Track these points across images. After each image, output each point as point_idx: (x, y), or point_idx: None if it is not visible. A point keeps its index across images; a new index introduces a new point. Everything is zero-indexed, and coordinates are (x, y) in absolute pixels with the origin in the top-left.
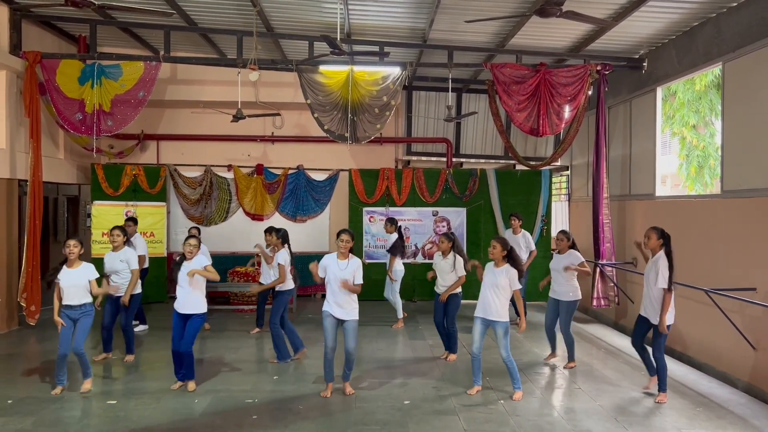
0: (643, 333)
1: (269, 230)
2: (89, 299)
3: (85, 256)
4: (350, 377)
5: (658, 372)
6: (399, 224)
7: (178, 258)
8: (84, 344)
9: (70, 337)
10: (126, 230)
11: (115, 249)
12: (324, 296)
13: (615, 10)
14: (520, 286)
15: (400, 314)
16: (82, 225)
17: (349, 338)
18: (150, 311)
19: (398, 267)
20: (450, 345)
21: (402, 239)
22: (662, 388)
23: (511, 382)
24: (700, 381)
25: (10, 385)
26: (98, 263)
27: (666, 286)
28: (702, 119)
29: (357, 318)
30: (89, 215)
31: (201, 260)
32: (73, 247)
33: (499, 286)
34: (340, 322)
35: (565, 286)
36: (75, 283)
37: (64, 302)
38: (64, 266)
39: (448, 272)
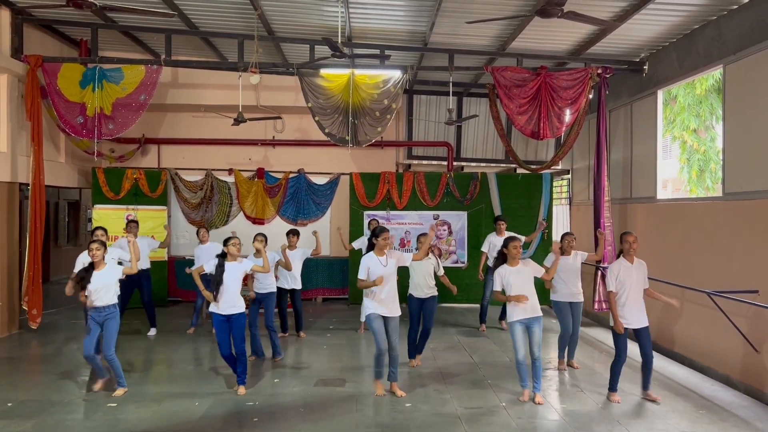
0: None
1: (293, 232)
2: (115, 301)
3: None
4: (398, 377)
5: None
6: (377, 228)
7: (215, 264)
8: (114, 349)
9: (96, 339)
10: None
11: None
12: (325, 300)
13: (615, 12)
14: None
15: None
16: (83, 229)
17: (393, 335)
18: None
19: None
20: (421, 346)
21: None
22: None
23: (535, 383)
24: (703, 384)
25: (10, 389)
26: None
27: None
28: (702, 123)
29: (400, 314)
30: (90, 219)
31: (247, 263)
32: (95, 250)
33: (528, 280)
34: (385, 322)
35: (579, 287)
36: (103, 284)
37: (90, 304)
38: (93, 270)
39: (432, 273)
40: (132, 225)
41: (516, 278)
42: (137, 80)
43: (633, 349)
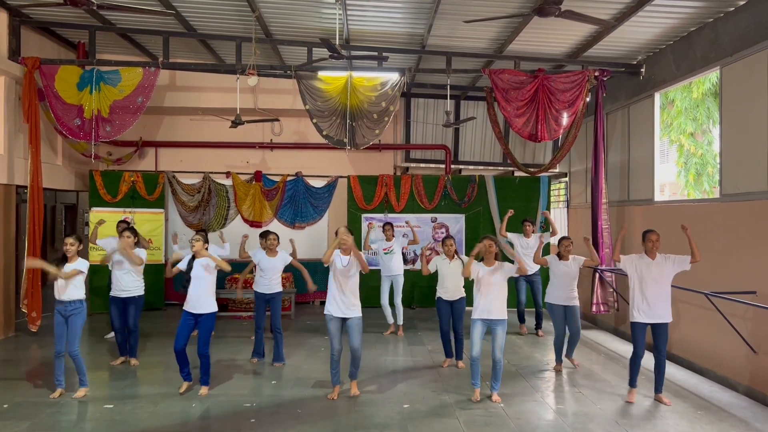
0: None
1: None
2: (80, 296)
3: None
4: (357, 376)
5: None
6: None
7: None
8: (79, 346)
9: (65, 334)
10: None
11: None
12: (322, 303)
13: (612, 14)
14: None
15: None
16: (79, 233)
17: (354, 336)
18: (148, 318)
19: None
20: (458, 350)
21: None
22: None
23: (494, 383)
24: (701, 385)
25: (6, 390)
26: (95, 270)
27: None
28: (700, 127)
29: (360, 315)
30: (87, 223)
31: (213, 249)
32: (69, 245)
33: (500, 284)
34: (343, 322)
35: (575, 292)
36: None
37: (56, 297)
38: (66, 263)
39: (458, 274)
40: (127, 234)
41: (484, 276)
42: (135, 82)
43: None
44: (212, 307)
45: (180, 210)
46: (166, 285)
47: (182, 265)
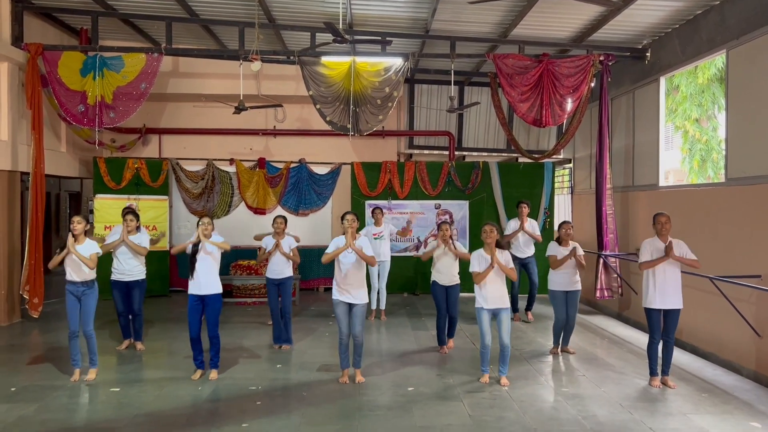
0: None
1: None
2: (93, 276)
3: None
4: (361, 364)
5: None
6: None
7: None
8: (93, 326)
9: (78, 314)
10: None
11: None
12: (327, 290)
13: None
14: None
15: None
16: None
17: (356, 323)
18: (154, 304)
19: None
20: (451, 331)
21: None
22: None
23: (502, 367)
24: (705, 369)
25: (13, 374)
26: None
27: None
28: (705, 113)
29: (366, 302)
30: (91, 211)
31: (216, 237)
32: (77, 223)
33: (500, 273)
34: (350, 308)
35: (577, 276)
36: (77, 258)
37: (68, 278)
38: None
39: (454, 260)
40: (130, 218)
41: (484, 265)
42: (138, 68)
43: (638, 336)
44: (218, 287)
45: (184, 197)
46: (170, 272)
47: (188, 248)
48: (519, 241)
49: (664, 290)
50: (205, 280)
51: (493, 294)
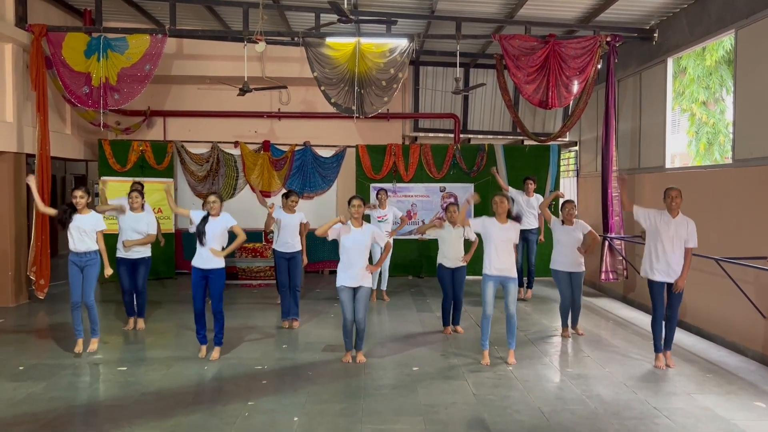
0: None
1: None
2: (95, 247)
3: None
4: (363, 347)
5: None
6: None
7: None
8: (94, 296)
9: (80, 284)
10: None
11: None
12: (332, 272)
13: None
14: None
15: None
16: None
17: (359, 307)
18: (160, 286)
19: None
20: (456, 317)
21: None
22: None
23: (510, 339)
24: (710, 350)
25: (21, 353)
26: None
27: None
28: (712, 95)
29: (370, 285)
30: (97, 194)
31: (227, 218)
32: (79, 197)
33: (511, 240)
34: (354, 292)
35: (580, 257)
36: (80, 226)
37: (71, 248)
38: (75, 213)
39: (459, 240)
40: (135, 195)
41: (496, 233)
42: (142, 50)
43: (643, 318)
44: (221, 262)
45: (189, 180)
46: (176, 254)
47: (195, 218)
48: (523, 209)
49: (668, 263)
50: (209, 255)
51: (500, 264)
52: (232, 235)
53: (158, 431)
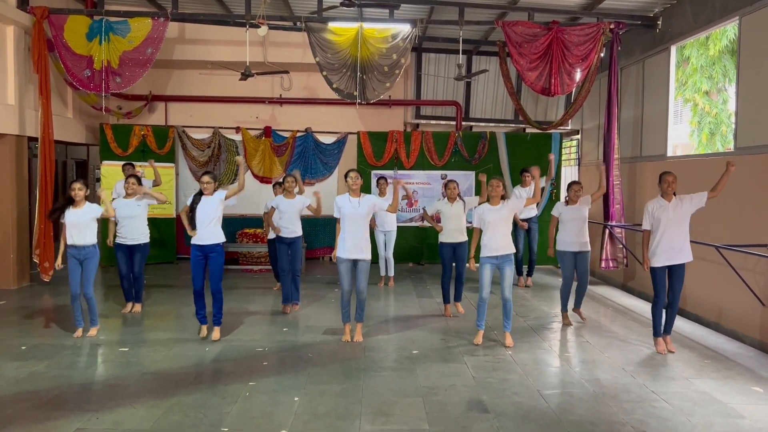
0: None
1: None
2: (94, 241)
3: None
4: (363, 318)
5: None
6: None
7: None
8: (93, 288)
9: (79, 277)
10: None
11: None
12: (332, 260)
13: None
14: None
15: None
16: (90, 188)
17: (361, 278)
18: (161, 270)
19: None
20: (458, 291)
21: None
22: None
23: (506, 322)
24: (709, 337)
25: (24, 334)
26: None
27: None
28: (715, 85)
29: (369, 259)
30: (98, 179)
31: (220, 194)
32: (78, 190)
33: (507, 219)
34: (353, 265)
35: (586, 237)
36: (79, 221)
37: (69, 242)
38: (70, 207)
39: (460, 216)
40: (132, 180)
41: (490, 216)
42: (144, 33)
43: (642, 306)
44: (219, 237)
45: (190, 165)
46: (177, 239)
47: (189, 201)
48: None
49: (671, 246)
50: (206, 231)
51: (496, 243)
52: (233, 225)
53: (160, 409)
